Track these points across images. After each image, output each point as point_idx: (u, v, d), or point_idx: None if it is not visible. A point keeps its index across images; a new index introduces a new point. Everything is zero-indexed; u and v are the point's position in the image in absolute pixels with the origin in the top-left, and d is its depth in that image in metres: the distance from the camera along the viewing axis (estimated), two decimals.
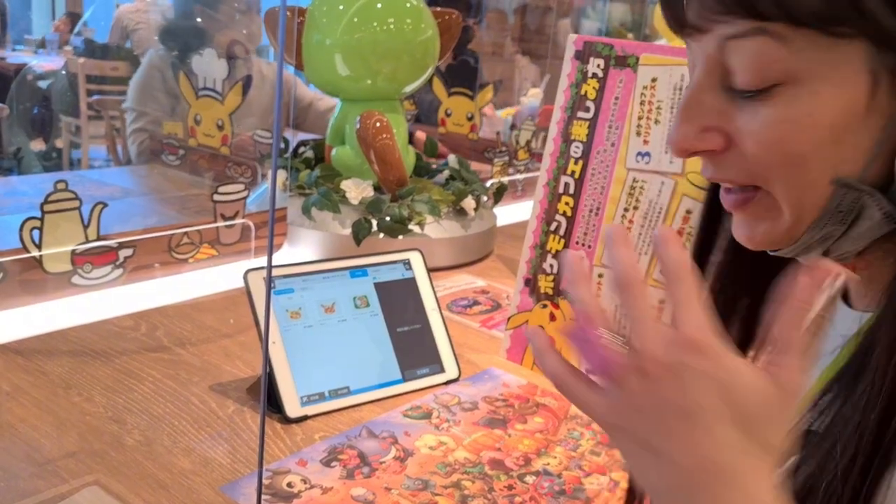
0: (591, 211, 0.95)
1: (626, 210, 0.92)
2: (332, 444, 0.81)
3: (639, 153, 0.90)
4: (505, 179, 1.78)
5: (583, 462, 0.82)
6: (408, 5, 1.42)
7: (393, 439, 0.83)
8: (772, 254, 0.48)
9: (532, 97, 2.54)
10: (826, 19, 0.39)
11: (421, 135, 2.16)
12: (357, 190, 1.36)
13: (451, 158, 1.57)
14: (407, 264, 1.00)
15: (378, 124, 1.35)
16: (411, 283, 0.99)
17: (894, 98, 0.41)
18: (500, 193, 1.63)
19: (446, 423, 0.87)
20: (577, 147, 0.96)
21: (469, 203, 1.42)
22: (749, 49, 0.41)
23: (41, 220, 1.03)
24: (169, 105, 2.00)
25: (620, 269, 0.39)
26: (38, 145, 3.37)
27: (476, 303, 1.25)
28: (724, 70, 0.43)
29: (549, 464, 0.81)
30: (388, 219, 1.32)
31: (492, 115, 2.31)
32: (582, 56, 0.96)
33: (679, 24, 0.44)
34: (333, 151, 1.47)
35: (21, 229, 1.02)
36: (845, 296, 0.51)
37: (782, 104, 0.42)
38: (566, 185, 0.97)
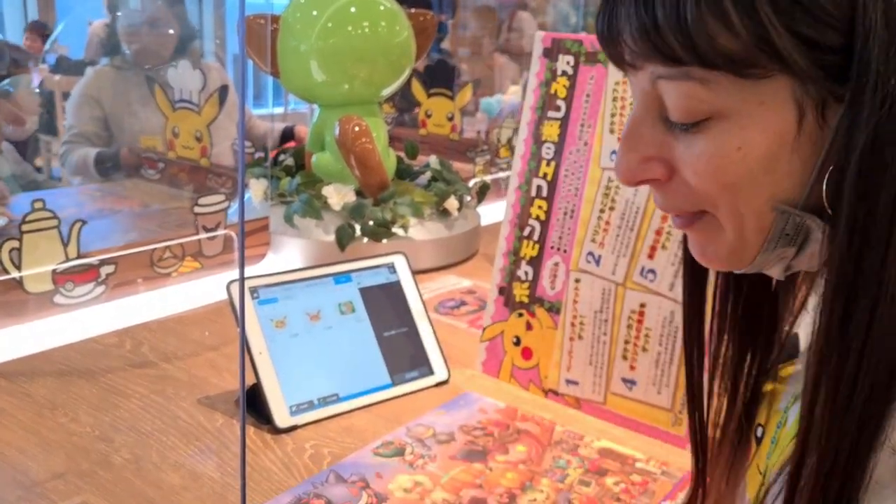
0: (565, 214, 0.92)
1: (601, 211, 0.88)
2: (296, 495, 0.73)
3: (613, 151, 0.87)
4: (488, 178, 1.78)
5: (572, 495, 0.75)
6: (382, 8, 1.41)
7: (364, 483, 0.75)
8: (737, 273, 0.50)
9: (512, 94, 2.54)
10: (739, 62, 0.41)
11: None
12: (339, 195, 1.35)
13: (433, 160, 1.57)
14: (391, 268, 1.00)
15: (357, 129, 1.34)
16: (396, 287, 0.99)
17: (822, 127, 0.42)
18: (483, 192, 1.63)
19: (421, 460, 0.79)
20: (548, 148, 0.93)
21: (452, 203, 1.41)
22: (676, 89, 0.43)
23: (20, 240, 1.02)
24: (100, 119, 2.02)
25: None
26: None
27: (463, 303, 1.25)
28: (660, 104, 0.45)
29: (535, 500, 0.74)
30: (371, 223, 1.31)
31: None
32: (550, 54, 0.93)
33: (616, 61, 0.47)
34: (314, 158, 1.46)
35: None
36: None
37: (713, 138, 0.43)
38: (538, 188, 0.94)
